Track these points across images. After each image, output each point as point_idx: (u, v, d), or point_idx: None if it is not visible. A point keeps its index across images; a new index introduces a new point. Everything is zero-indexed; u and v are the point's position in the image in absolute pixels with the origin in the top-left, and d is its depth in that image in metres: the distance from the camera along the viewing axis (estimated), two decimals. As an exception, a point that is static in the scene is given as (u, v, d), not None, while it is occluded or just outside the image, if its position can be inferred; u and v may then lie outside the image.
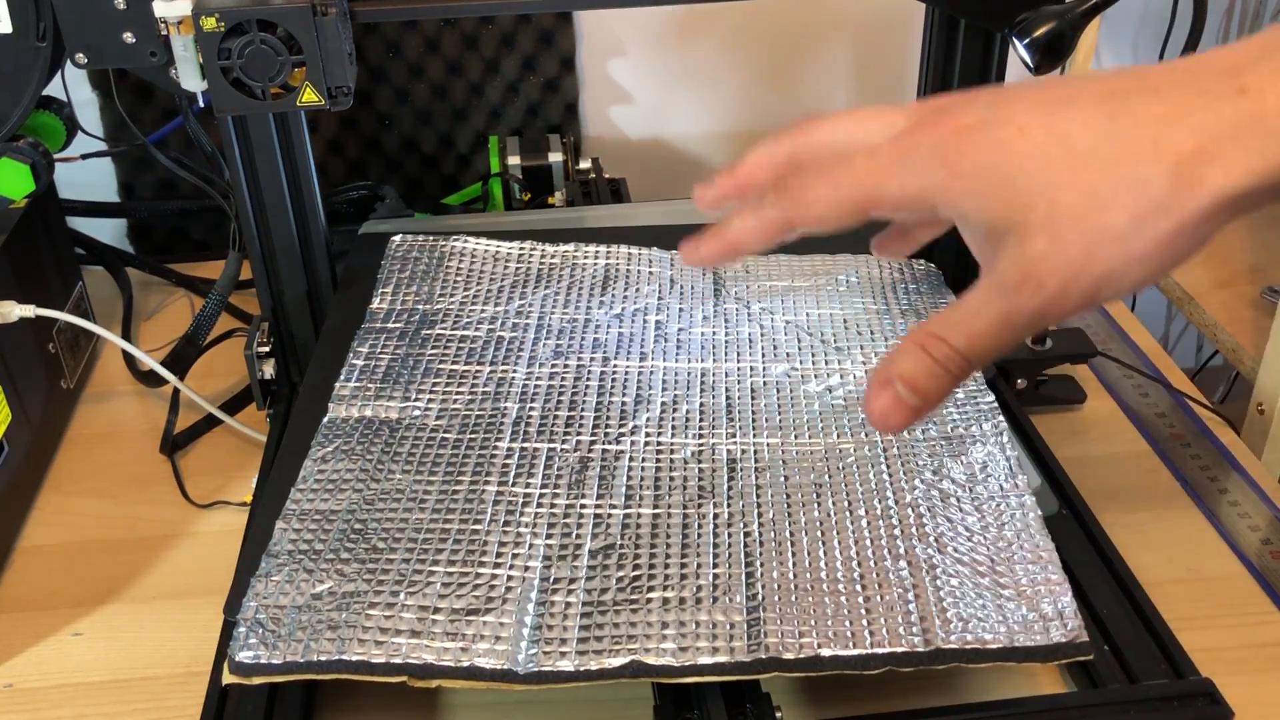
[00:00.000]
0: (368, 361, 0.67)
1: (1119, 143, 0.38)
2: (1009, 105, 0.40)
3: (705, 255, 0.46)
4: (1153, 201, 0.37)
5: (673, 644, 0.50)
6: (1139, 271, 0.39)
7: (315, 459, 0.60)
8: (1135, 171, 0.38)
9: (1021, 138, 0.39)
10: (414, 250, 0.77)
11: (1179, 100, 0.38)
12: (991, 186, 0.39)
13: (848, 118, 0.45)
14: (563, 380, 0.66)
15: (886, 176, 0.41)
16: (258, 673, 0.49)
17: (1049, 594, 0.52)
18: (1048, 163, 0.39)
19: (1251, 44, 0.38)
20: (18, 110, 0.65)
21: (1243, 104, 0.37)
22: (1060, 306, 0.39)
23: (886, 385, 0.41)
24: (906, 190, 0.41)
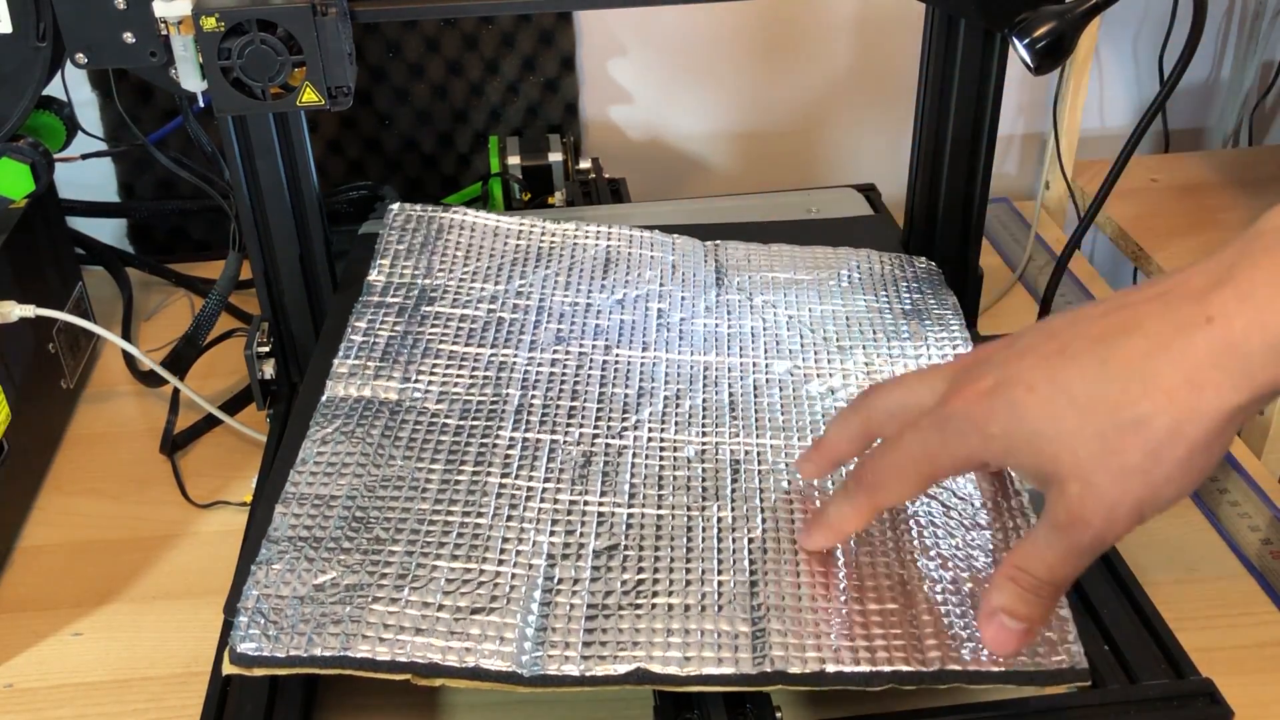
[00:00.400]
0: (366, 337, 0.67)
1: (1114, 388, 0.42)
2: (1016, 364, 0.45)
3: (818, 541, 0.54)
4: (1159, 436, 0.41)
5: (678, 652, 0.50)
6: (1171, 490, 0.43)
7: (314, 439, 0.60)
8: (1136, 412, 0.41)
9: (1031, 395, 0.44)
10: (412, 221, 0.76)
11: (1158, 335, 0.42)
12: (1020, 445, 0.44)
13: (899, 386, 0.51)
14: (564, 368, 0.66)
15: (935, 452, 0.47)
16: (259, 664, 0.49)
17: (1052, 621, 0.52)
18: (1058, 417, 0.43)
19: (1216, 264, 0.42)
20: (18, 110, 0.65)
21: (1213, 333, 0.40)
22: (1112, 532, 0.44)
23: (993, 616, 0.47)
24: (956, 459, 0.47)
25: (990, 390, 0.45)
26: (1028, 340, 0.46)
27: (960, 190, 0.76)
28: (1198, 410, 0.41)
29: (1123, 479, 0.42)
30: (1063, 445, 0.43)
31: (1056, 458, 0.43)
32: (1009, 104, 1.10)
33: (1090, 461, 0.42)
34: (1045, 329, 0.46)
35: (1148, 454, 0.42)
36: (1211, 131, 1.22)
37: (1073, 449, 0.43)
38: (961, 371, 0.47)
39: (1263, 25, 1.14)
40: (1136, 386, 0.42)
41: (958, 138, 0.74)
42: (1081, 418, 0.43)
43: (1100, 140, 1.17)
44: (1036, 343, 0.45)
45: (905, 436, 0.48)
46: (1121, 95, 1.17)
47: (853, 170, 1.15)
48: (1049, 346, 0.44)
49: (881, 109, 1.12)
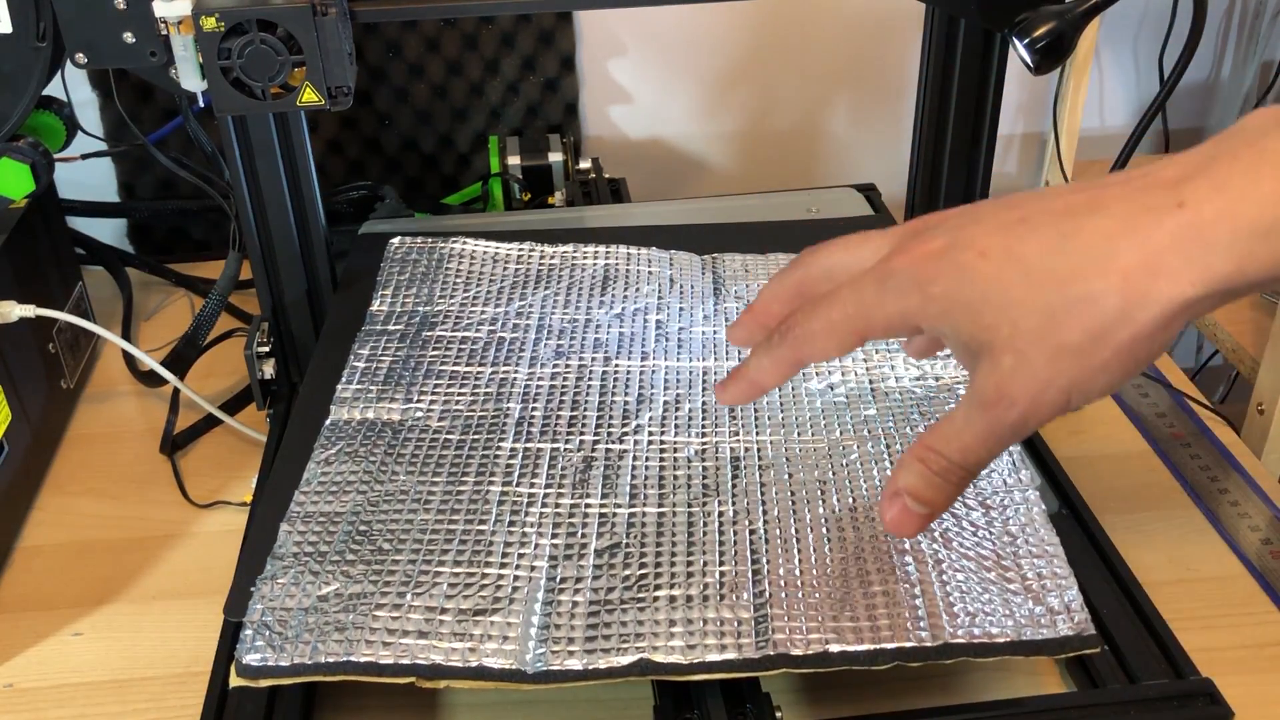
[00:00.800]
0: (369, 364, 0.67)
1: (1071, 261, 0.40)
2: (973, 228, 0.43)
3: (733, 395, 0.50)
4: (1106, 316, 0.40)
5: (680, 642, 0.50)
6: (1104, 379, 0.41)
7: (318, 461, 0.60)
8: (1087, 288, 0.40)
9: (983, 260, 0.42)
10: (413, 252, 0.77)
11: (1125, 216, 0.40)
12: (959, 308, 0.42)
13: (840, 247, 0.48)
14: (564, 380, 0.66)
15: (870, 306, 0.44)
16: (265, 675, 0.49)
17: (1055, 588, 0.52)
18: (1008, 284, 0.41)
19: (1193, 156, 0.41)
20: (18, 110, 0.65)
21: (1182, 217, 0.39)
22: (1035, 416, 0.42)
23: (895, 498, 0.45)
24: (889, 316, 0.44)
25: (940, 251, 0.43)
26: (987, 208, 0.44)
27: (960, 190, 0.76)
28: (1150, 295, 0.39)
29: (1059, 357, 0.41)
30: (1004, 314, 0.41)
31: (995, 327, 0.41)
32: (1009, 104, 1.10)
33: (1030, 334, 0.41)
34: (1008, 200, 0.44)
35: (1090, 334, 0.40)
36: (1211, 131, 1.22)
37: (1014, 319, 0.41)
38: (910, 233, 0.45)
39: (1263, 25, 1.14)
40: (1092, 264, 0.40)
41: (958, 138, 0.74)
42: (1030, 288, 0.41)
43: (1100, 140, 1.18)
44: (996, 210, 0.43)
45: (842, 290, 0.45)
46: (1121, 95, 1.17)
47: (853, 170, 1.15)
48: (1009, 215, 0.43)
49: (881, 109, 1.12)
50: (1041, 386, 0.41)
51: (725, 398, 0.51)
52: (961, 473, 0.44)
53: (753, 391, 0.50)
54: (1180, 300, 0.39)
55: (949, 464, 0.44)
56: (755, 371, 0.49)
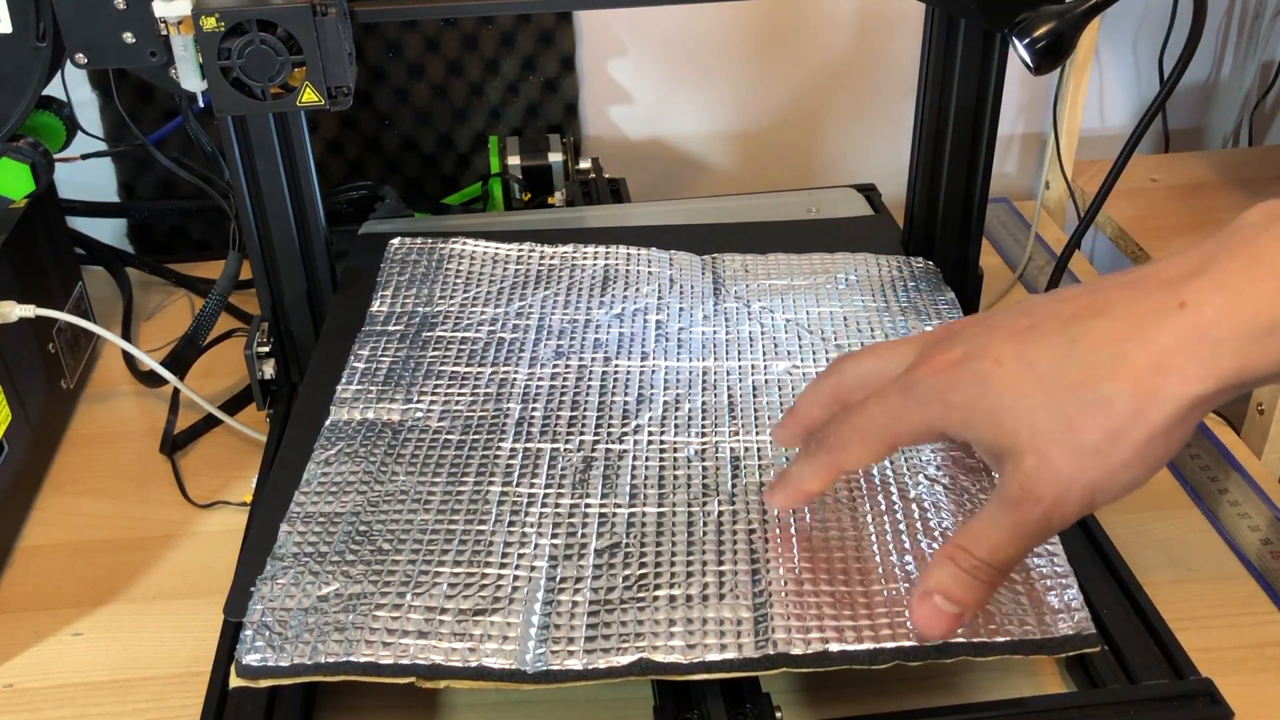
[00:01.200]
0: (369, 365, 0.67)
1: (1081, 365, 0.42)
2: (987, 337, 0.45)
3: (782, 500, 0.54)
4: (1120, 417, 0.41)
5: (680, 641, 0.50)
6: (1126, 476, 0.42)
7: (318, 461, 0.60)
8: (1099, 392, 0.41)
9: (998, 368, 0.44)
10: (413, 253, 0.77)
11: (1129, 319, 0.42)
12: (980, 416, 0.44)
13: (871, 355, 0.51)
14: (564, 381, 0.66)
15: (896, 417, 0.47)
16: (265, 675, 0.49)
17: (1055, 587, 0.52)
18: (1023, 391, 0.43)
19: (1194, 254, 0.42)
20: (18, 110, 0.65)
21: (1184, 318, 0.40)
22: (1061, 514, 0.43)
23: (926, 597, 0.46)
24: (915, 425, 0.46)
25: (958, 361, 0.45)
26: (1001, 317, 0.46)
27: (960, 190, 0.76)
28: (1161, 395, 0.41)
29: (1080, 458, 0.42)
30: (1022, 419, 0.43)
31: (1015, 431, 0.43)
32: (1009, 104, 1.10)
33: (1049, 436, 0.42)
34: (1019, 307, 0.46)
35: (1107, 434, 0.41)
36: (1211, 131, 1.22)
37: (1032, 423, 0.42)
38: (931, 343, 0.47)
39: (1262, 25, 1.14)
40: (1103, 366, 0.41)
41: (958, 138, 0.74)
42: (1045, 393, 0.42)
43: (1100, 140, 1.18)
44: (1009, 319, 0.45)
45: (870, 402, 0.48)
46: (1121, 95, 1.17)
47: (853, 170, 1.15)
48: (1020, 323, 0.44)
49: (881, 109, 1.12)
50: (1065, 485, 0.43)
51: (776, 501, 0.54)
52: (991, 571, 0.45)
53: (800, 497, 0.53)
54: (1190, 397, 0.40)
55: (979, 563, 0.45)
56: (799, 479, 0.52)
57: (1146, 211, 1.04)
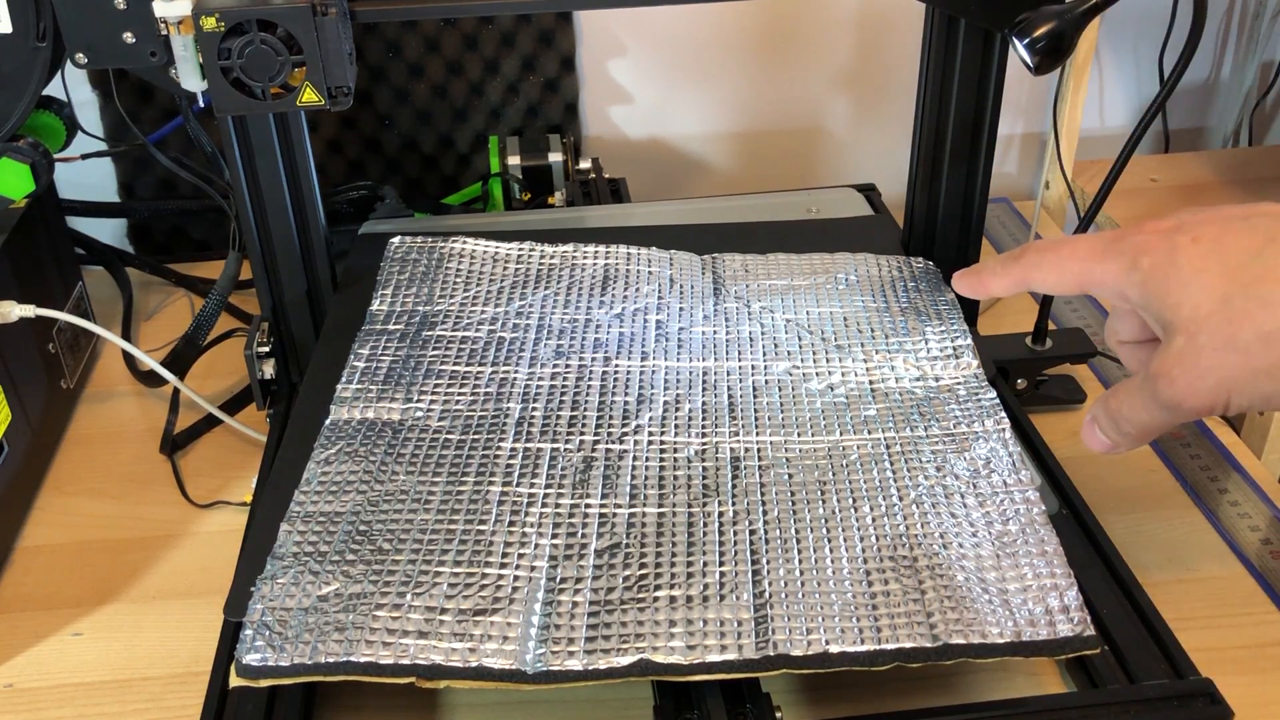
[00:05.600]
0: (369, 364, 0.67)
1: (1265, 263, 0.42)
2: (1201, 215, 0.45)
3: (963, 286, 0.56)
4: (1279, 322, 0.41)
5: (681, 642, 0.50)
6: (1267, 385, 0.42)
7: (318, 461, 0.60)
8: (1270, 292, 0.41)
9: (1193, 245, 0.44)
10: (413, 252, 0.77)
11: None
12: (1156, 282, 0.45)
13: None
14: (564, 380, 0.66)
15: (1095, 259, 0.48)
16: (265, 675, 0.49)
17: (1054, 588, 0.52)
18: (1203, 271, 0.43)
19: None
20: (18, 110, 0.65)
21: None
22: (1191, 401, 0.44)
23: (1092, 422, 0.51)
24: (1105, 273, 0.47)
25: (1165, 230, 0.45)
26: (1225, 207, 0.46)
27: (960, 190, 0.76)
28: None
29: (1225, 350, 0.42)
30: (1189, 296, 0.43)
31: (1178, 306, 0.43)
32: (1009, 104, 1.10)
33: (1205, 321, 0.42)
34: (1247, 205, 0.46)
35: (1261, 335, 0.41)
36: (1211, 131, 1.22)
37: (1196, 303, 0.43)
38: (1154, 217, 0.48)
39: (1263, 25, 1.14)
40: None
41: (958, 138, 0.74)
42: (1220, 279, 0.42)
43: (1100, 140, 1.18)
44: (1230, 209, 0.45)
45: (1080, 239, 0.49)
46: (1121, 95, 1.17)
47: (853, 170, 1.15)
48: (1235, 212, 0.45)
49: (881, 109, 1.12)
50: (1201, 373, 0.43)
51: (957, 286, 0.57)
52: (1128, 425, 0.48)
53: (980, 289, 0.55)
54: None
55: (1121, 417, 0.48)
56: (988, 273, 0.54)
57: (1146, 211, 1.03)
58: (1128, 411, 0.48)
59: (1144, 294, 0.45)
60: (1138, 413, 0.47)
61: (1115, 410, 0.49)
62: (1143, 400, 0.46)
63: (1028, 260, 0.52)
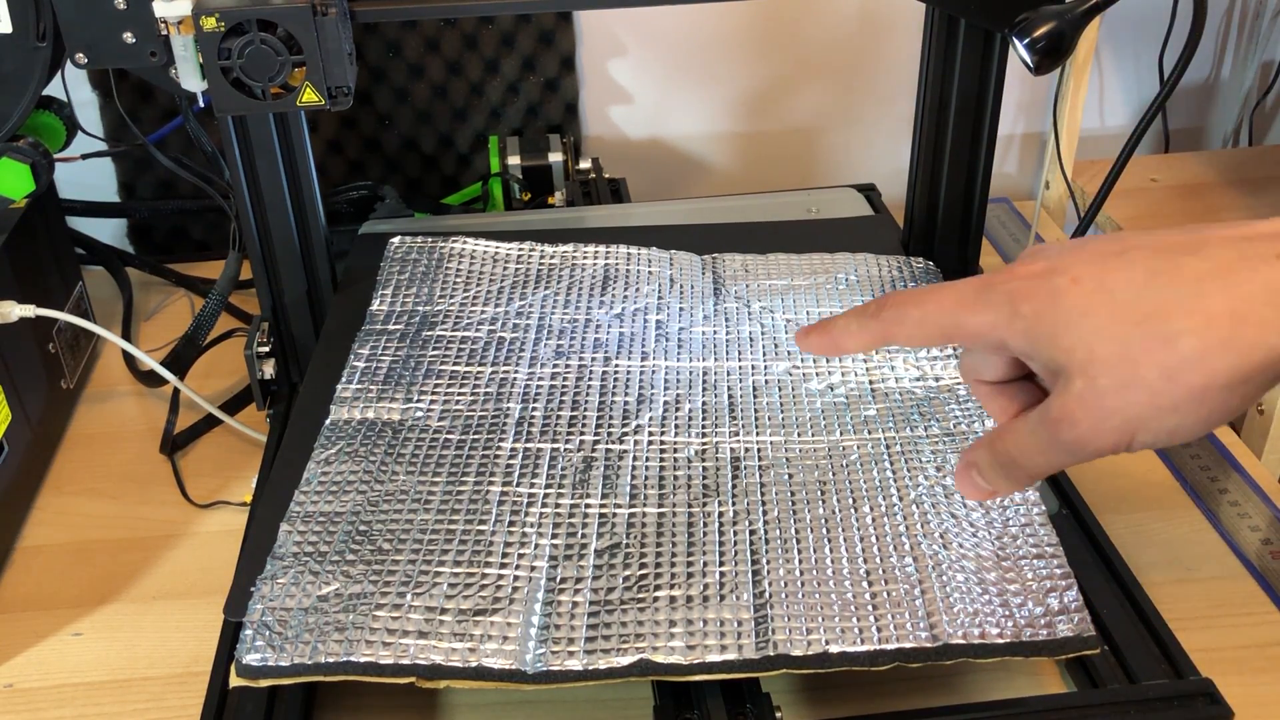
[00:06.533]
0: (369, 364, 0.67)
1: (1157, 297, 0.41)
2: (1073, 255, 0.44)
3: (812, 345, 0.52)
4: (1181, 357, 0.40)
5: (680, 642, 0.50)
6: (1172, 421, 0.41)
7: (318, 461, 0.60)
8: (1167, 327, 0.40)
9: (1074, 287, 0.43)
10: (413, 252, 0.77)
11: (1220, 260, 0.40)
12: (1043, 329, 0.43)
13: None
14: (564, 380, 0.66)
15: (965, 309, 0.46)
16: (265, 675, 0.49)
17: (1054, 589, 0.52)
18: (1090, 312, 0.42)
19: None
20: (18, 110, 0.65)
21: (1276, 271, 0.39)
22: (1094, 442, 0.43)
23: (968, 467, 0.48)
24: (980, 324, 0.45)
25: (1038, 273, 0.44)
26: (1094, 241, 0.45)
27: (960, 190, 0.76)
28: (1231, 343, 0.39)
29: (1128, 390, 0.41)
30: (1082, 340, 0.42)
31: (1072, 350, 0.42)
32: (1009, 104, 1.10)
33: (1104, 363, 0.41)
34: (1115, 235, 0.45)
35: (1164, 372, 0.40)
36: (1211, 131, 1.22)
37: (1091, 346, 0.42)
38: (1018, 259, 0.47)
39: (1263, 25, 1.14)
40: (1178, 303, 0.40)
41: (958, 138, 0.74)
42: (1112, 319, 0.41)
43: (1100, 140, 1.18)
44: (1100, 244, 0.44)
45: (945, 288, 0.47)
46: (1121, 95, 1.17)
47: (853, 170, 1.15)
48: (1110, 248, 0.44)
49: (881, 109, 1.12)
50: (1106, 414, 0.42)
51: (805, 344, 0.52)
52: (1019, 471, 0.46)
53: (831, 348, 0.51)
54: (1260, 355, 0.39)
55: (1010, 460, 0.46)
56: (841, 332, 0.50)
57: (1146, 211, 1.04)
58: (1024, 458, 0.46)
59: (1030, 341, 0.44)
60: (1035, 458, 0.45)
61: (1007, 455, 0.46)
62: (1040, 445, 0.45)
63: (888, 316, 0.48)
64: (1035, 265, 0.45)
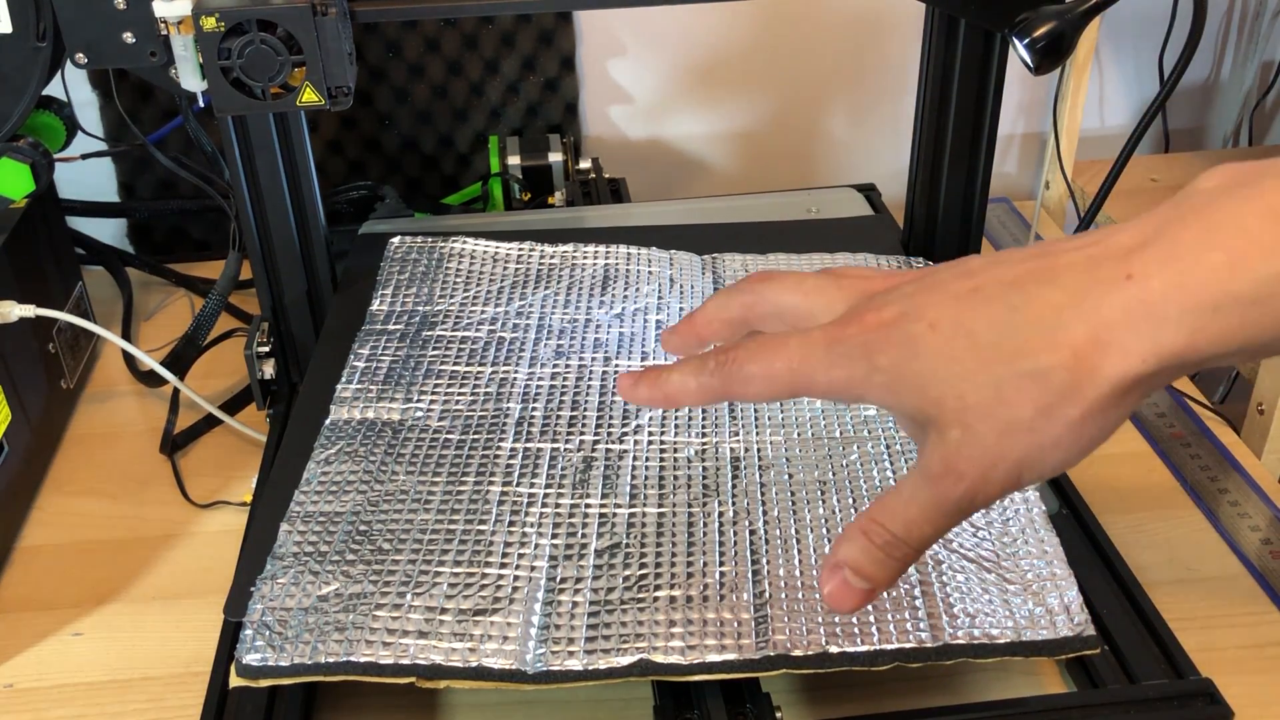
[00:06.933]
0: (369, 364, 0.67)
1: (1019, 335, 0.39)
2: (925, 297, 0.42)
3: (641, 396, 0.47)
4: (1054, 393, 0.39)
5: (680, 642, 0.50)
6: (1057, 455, 0.40)
7: (318, 461, 0.60)
8: (1035, 364, 0.39)
9: (932, 333, 0.40)
10: (413, 252, 0.77)
11: (1074, 288, 0.39)
12: (906, 383, 0.41)
13: (796, 288, 0.46)
14: (564, 380, 0.66)
15: (815, 366, 0.43)
16: (265, 675, 0.49)
17: (1055, 588, 0.52)
18: (955, 358, 0.40)
19: (1148, 221, 0.39)
20: (18, 110, 0.65)
21: (1131, 290, 0.38)
22: (985, 492, 0.41)
23: (836, 570, 0.43)
24: (833, 381, 0.43)
25: (891, 321, 0.42)
26: (941, 276, 0.42)
27: (960, 190, 0.76)
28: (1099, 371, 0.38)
29: (1008, 433, 0.39)
30: (951, 389, 0.40)
31: (941, 401, 0.40)
32: (1009, 104, 1.10)
33: (977, 409, 0.40)
34: (962, 267, 0.43)
35: (1040, 410, 0.39)
36: (1211, 131, 1.22)
37: (961, 394, 0.40)
38: (866, 297, 0.44)
39: (1263, 25, 1.14)
40: (1040, 338, 0.39)
41: (958, 138, 0.74)
42: (978, 363, 0.40)
43: (1100, 140, 1.18)
44: (949, 280, 0.42)
45: (791, 343, 0.43)
46: (1121, 95, 1.17)
47: (853, 170, 1.15)
48: (961, 285, 0.41)
49: (881, 109, 1.12)
50: (991, 461, 0.40)
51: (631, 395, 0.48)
52: (905, 549, 0.42)
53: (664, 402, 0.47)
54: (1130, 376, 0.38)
55: (893, 539, 0.42)
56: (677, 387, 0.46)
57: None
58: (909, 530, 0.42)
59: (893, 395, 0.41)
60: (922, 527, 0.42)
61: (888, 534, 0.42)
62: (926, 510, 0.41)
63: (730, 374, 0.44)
64: (885, 312, 0.42)
